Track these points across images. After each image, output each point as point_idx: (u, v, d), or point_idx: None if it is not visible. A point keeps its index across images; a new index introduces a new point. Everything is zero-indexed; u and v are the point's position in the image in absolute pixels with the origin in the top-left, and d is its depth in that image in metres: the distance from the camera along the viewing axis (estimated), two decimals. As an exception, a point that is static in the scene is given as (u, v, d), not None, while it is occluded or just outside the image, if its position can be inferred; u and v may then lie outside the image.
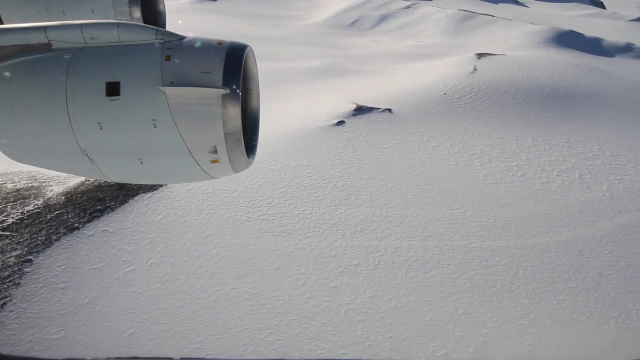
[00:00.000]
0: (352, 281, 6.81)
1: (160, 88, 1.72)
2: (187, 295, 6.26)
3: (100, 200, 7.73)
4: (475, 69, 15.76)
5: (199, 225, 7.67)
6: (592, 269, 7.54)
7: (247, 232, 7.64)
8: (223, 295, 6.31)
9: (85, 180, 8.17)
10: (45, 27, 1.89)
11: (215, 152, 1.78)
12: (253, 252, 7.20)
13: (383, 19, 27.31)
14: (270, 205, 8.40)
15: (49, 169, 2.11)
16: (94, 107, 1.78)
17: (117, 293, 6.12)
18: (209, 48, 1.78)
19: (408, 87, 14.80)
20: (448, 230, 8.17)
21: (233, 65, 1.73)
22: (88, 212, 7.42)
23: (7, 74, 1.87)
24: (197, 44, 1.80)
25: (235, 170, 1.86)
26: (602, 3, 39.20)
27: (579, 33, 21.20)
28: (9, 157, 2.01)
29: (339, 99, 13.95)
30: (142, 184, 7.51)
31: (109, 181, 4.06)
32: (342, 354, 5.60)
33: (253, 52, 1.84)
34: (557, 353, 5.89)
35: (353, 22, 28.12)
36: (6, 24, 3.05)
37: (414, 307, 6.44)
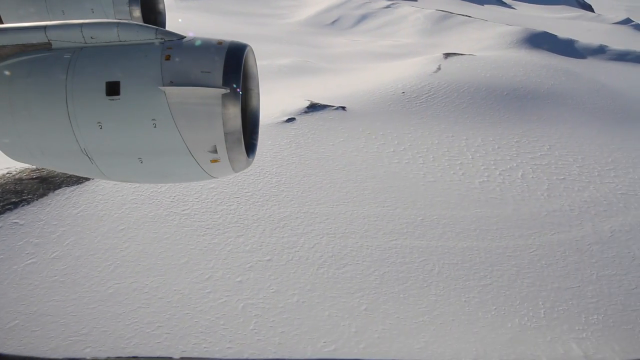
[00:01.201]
0: (259, 276, 6.79)
1: (160, 88, 1.73)
2: (84, 288, 6.24)
3: (17, 193, 7.72)
4: (438, 69, 15.74)
5: (116, 219, 7.65)
6: (510, 267, 7.51)
7: (164, 226, 7.62)
8: (121, 289, 6.28)
9: (6, 174, 8.15)
10: (45, 27, 1.90)
11: (215, 151, 1.79)
12: (165, 246, 7.18)
13: (363, 18, 27.32)
14: (196, 200, 8.38)
15: (49, 168, 2.20)
16: (94, 107, 1.79)
17: (11, 285, 6.10)
18: (209, 47, 1.79)
19: (369, 86, 14.79)
20: (372, 227, 8.14)
21: (233, 65, 1.74)
22: (0, 204, 7.40)
23: (6, 73, 1.89)
24: (197, 44, 1.81)
25: (235, 169, 1.87)
26: (590, 6, 39.17)
27: (552, 34, 21.18)
28: (8, 156, 2.01)
29: (296, 96, 13.94)
30: (65, 174, 7.48)
31: (109, 181, 4.07)
32: (227, 347, 5.57)
33: (253, 52, 1.86)
34: (450, 349, 5.86)
35: (334, 22, 28.14)
36: (6, 23, 3.07)
37: (316, 303, 6.41)
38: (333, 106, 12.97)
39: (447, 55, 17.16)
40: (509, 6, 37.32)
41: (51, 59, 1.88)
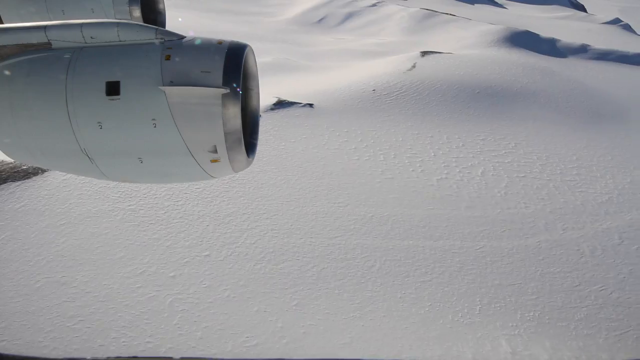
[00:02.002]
0: (193, 272, 6.77)
1: (160, 87, 1.73)
2: (12, 282, 6.24)
3: (-41, 188, 7.72)
4: (413, 67, 15.72)
5: (58, 214, 7.64)
6: (453, 264, 7.49)
7: (106, 222, 7.61)
8: (50, 283, 6.28)
9: (-49, 168, 8.15)
10: (45, 27, 1.90)
11: (215, 151, 1.79)
12: (103, 241, 7.17)
13: (348, 17, 27.29)
14: (144, 196, 8.37)
15: (49, 168, 2.12)
16: (94, 107, 1.80)
17: None
18: (209, 47, 1.79)
19: (342, 83, 14.76)
20: (319, 224, 8.12)
21: (233, 65, 1.75)
22: (-59, 198, 7.41)
23: (6, 73, 1.90)
24: (197, 44, 1.82)
25: (235, 169, 1.88)
26: (582, 6, 39.11)
27: (535, 33, 21.12)
28: (9, 156, 2.03)
29: (267, 93, 13.92)
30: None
31: (109, 181, 4.05)
32: (146, 342, 5.56)
33: (253, 52, 1.87)
34: (374, 346, 5.84)
35: (320, 20, 28.12)
36: (6, 23, 3.09)
37: (247, 298, 6.40)
38: (300, 103, 12.96)
39: (424, 53, 17.13)
40: (501, 5, 37.26)
41: (51, 59, 1.89)
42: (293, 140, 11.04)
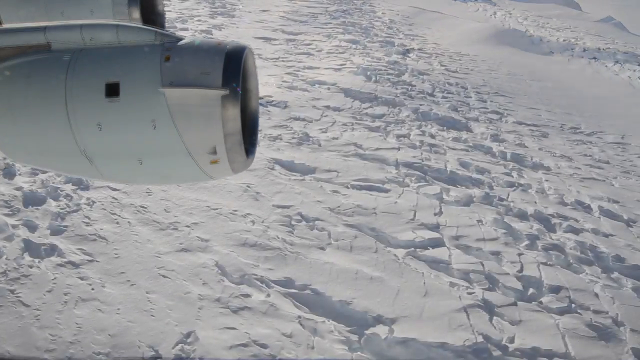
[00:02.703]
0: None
1: (160, 89, 1.73)
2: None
3: None
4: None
5: None
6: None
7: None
8: None
9: None
10: (44, 28, 1.90)
11: (215, 152, 1.77)
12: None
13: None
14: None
15: (48, 169, 2.14)
16: (94, 108, 1.79)
17: None
18: (208, 49, 1.79)
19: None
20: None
21: (232, 66, 1.73)
22: None
23: (5, 74, 1.89)
24: (197, 45, 1.81)
25: (235, 170, 1.86)
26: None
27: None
28: (8, 157, 2.04)
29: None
30: None
31: (108, 182, 4.23)
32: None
33: (252, 53, 1.87)
34: None
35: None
36: (5, 24, 3.07)
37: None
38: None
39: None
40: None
41: (50, 60, 1.87)
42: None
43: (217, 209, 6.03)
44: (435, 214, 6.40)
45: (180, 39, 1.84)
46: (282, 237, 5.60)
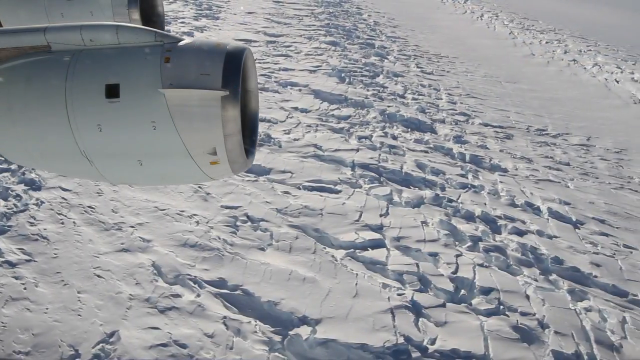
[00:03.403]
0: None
1: (160, 90, 1.71)
2: None
3: None
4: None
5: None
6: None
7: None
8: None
9: None
10: (44, 29, 1.87)
11: (215, 153, 1.76)
12: None
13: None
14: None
15: (48, 171, 2.05)
16: (94, 109, 1.77)
17: None
18: (208, 50, 1.77)
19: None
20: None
21: (232, 67, 1.72)
22: None
23: (6, 76, 1.87)
24: (196, 46, 1.79)
25: (235, 171, 1.85)
26: None
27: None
28: (8, 159, 2.00)
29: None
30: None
31: (108, 183, 4.19)
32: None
33: (252, 54, 1.85)
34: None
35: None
36: (5, 26, 3.10)
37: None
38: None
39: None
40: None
41: (50, 62, 1.85)
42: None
43: (164, 209, 5.99)
44: (381, 215, 6.35)
45: (180, 40, 1.82)
46: (223, 238, 5.56)
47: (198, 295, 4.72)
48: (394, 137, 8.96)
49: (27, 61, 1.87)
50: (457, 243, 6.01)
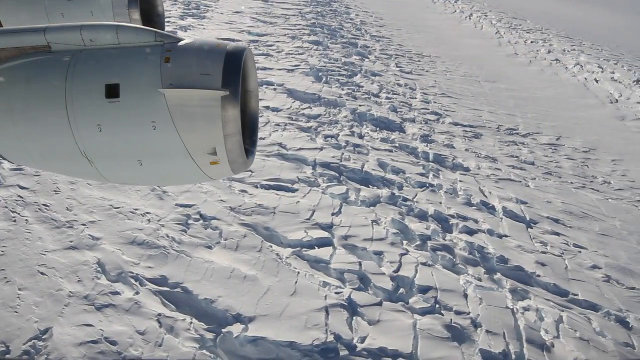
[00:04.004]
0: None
1: (160, 90, 1.69)
2: None
3: None
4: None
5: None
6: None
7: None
8: None
9: None
10: (44, 29, 1.84)
11: (215, 153, 1.73)
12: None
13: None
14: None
15: (48, 171, 2.07)
16: (94, 109, 1.74)
17: None
18: (208, 50, 1.74)
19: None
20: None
21: (232, 67, 1.68)
22: None
23: (5, 76, 1.84)
24: (196, 46, 1.76)
25: (235, 171, 1.81)
26: None
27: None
28: (8, 159, 1.97)
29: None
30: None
31: (108, 183, 4.16)
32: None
33: (252, 54, 1.83)
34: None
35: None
36: (5, 26, 3.06)
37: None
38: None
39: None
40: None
41: (50, 62, 1.82)
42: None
43: (118, 207, 5.98)
44: (333, 214, 6.32)
45: (180, 40, 1.79)
46: (172, 236, 5.55)
47: (137, 293, 4.71)
48: (361, 136, 8.91)
49: (27, 61, 1.85)
50: (405, 242, 5.98)
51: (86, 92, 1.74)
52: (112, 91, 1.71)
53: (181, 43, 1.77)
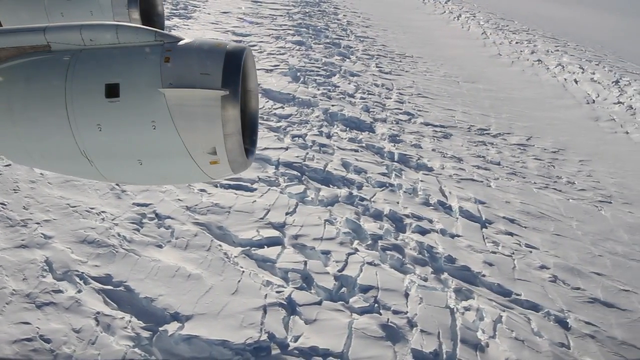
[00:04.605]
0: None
1: (160, 90, 1.66)
2: None
3: None
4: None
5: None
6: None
7: None
8: None
9: None
10: (44, 29, 1.82)
11: (215, 153, 1.70)
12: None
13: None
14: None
15: (48, 170, 2.01)
16: (94, 109, 1.71)
17: None
18: (208, 50, 1.71)
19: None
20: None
21: (232, 67, 1.66)
22: None
23: (5, 76, 1.81)
24: (196, 46, 1.73)
25: (235, 171, 1.79)
26: None
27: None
28: (8, 159, 1.97)
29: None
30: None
31: (108, 183, 4.11)
32: None
33: (252, 54, 1.81)
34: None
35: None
36: (5, 25, 3.02)
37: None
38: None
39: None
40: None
41: (50, 61, 1.79)
42: None
43: (75, 206, 5.96)
44: (287, 214, 6.30)
45: (180, 40, 1.77)
46: (123, 235, 5.52)
47: (79, 291, 4.69)
48: (329, 136, 8.87)
49: (27, 61, 1.81)
50: (356, 242, 5.95)
51: (86, 91, 1.72)
52: (112, 91, 1.69)
53: (181, 43, 1.75)
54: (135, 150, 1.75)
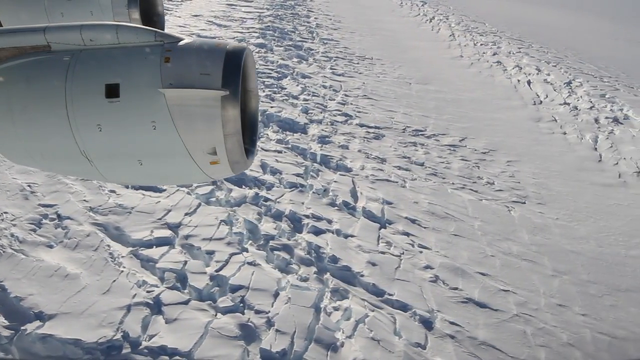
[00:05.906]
0: None
1: (160, 90, 1.62)
2: None
3: None
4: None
5: None
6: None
7: None
8: None
9: None
10: (44, 29, 1.77)
11: (215, 153, 1.66)
12: None
13: None
14: None
15: (48, 171, 1.96)
16: (94, 109, 1.67)
17: None
18: (208, 50, 1.67)
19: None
20: None
21: (232, 67, 1.61)
22: None
23: (6, 76, 1.77)
24: (196, 46, 1.69)
25: (235, 171, 1.75)
26: None
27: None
28: (8, 159, 1.91)
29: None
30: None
31: (108, 183, 4.03)
32: None
33: (252, 54, 1.76)
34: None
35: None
36: (5, 26, 2.97)
37: None
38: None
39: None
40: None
41: (50, 62, 1.75)
42: None
43: (-20, 206, 5.93)
44: (187, 214, 6.25)
45: (180, 40, 1.72)
46: (17, 235, 5.49)
47: (-48, 292, 4.67)
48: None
49: (27, 61, 1.76)
50: (250, 242, 5.90)
51: (86, 92, 1.67)
52: (112, 91, 1.65)
53: (181, 43, 1.70)
54: (135, 151, 1.71)
